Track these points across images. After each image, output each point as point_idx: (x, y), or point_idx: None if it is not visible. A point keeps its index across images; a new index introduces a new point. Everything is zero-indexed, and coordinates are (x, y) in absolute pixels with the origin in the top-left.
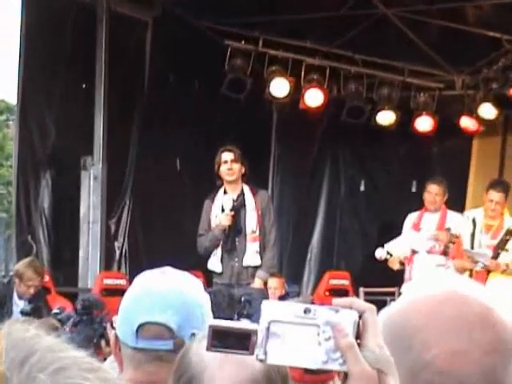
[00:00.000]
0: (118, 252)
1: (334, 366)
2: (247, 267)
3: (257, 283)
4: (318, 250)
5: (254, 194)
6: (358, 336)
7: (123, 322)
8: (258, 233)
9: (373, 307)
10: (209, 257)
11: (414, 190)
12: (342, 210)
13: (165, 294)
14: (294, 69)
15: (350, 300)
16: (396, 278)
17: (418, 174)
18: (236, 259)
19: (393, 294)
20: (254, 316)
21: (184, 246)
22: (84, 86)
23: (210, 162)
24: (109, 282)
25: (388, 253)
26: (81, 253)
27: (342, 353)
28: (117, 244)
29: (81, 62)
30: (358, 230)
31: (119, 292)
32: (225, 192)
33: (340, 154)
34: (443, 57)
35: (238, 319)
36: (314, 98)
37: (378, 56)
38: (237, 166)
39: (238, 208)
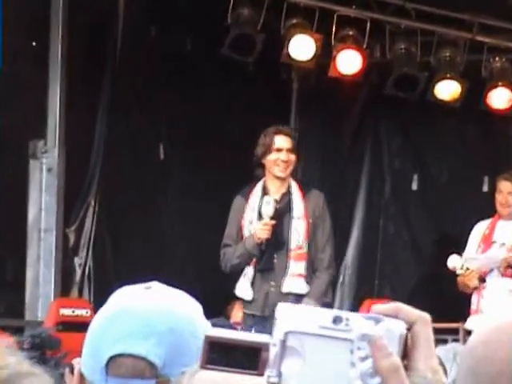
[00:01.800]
0: (79, 271)
1: None
2: (287, 294)
3: None
4: (353, 270)
5: (304, 194)
6: (406, 355)
7: (90, 354)
8: (305, 249)
9: (426, 316)
10: (237, 278)
11: (485, 189)
12: (386, 215)
13: (147, 316)
14: (322, 22)
15: (396, 306)
16: (460, 310)
17: (492, 168)
18: (272, 283)
19: (455, 331)
20: None
21: (170, 263)
22: (34, 43)
23: (206, 148)
24: (67, 312)
25: (463, 267)
26: (28, 272)
27: (383, 378)
28: (77, 260)
29: (29, 11)
30: (408, 242)
31: (81, 326)
32: (265, 189)
33: (384, 140)
34: None
35: None
36: (348, 62)
37: (438, 5)
38: (293, 158)
39: (281, 213)
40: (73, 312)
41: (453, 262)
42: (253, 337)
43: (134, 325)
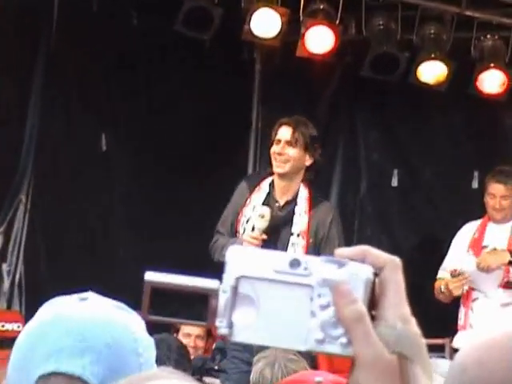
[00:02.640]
0: (7, 279)
1: (334, 349)
2: None
3: None
4: None
5: (311, 207)
6: (373, 304)
7: (16, 372)
8: None
9: (396, 260)
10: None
11: (475, 185)
12: (362, 215)
13: (82, 330)
14: None
15: (362, 249)
16: (446, 325)
17: (482, 161)
18: None
19: (441, 348)
20: None
21: (113, 270)
22: None
23: (155, 138)
24: None
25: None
26: None
27: (347, 328)
28: (6, 267)
29: None
30: (387, 247)
31: (11, 342)
32: (271, 189)
33: (360, 129)
34: None
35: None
36: (319, 39)
37: None
38: (294, 153)
39: (281, 224)
40: (2, 326)
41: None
42: (200, 282)
43: (67, 340)
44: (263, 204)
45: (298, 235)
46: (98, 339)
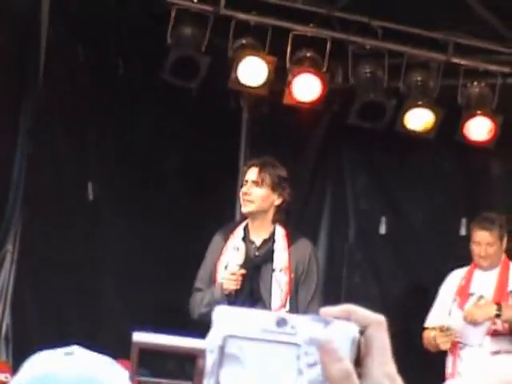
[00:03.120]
0: None
1: None
2: None
3: None
4: None
5: (289, 244)
6: (359, 362)
7: None
8: (287, 307)
9: (381, 319)
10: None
11: (463, 232)
12: (350, 263)
13: None
14: (276, 42)
15: (347, 308)
16: (434, 373)
17: (470, 208)
18: None
19: None
20: None
21: (106, 321)
22: None
23: (143, 189)
24: None
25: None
26: None
27: None
28: None
29: None
30: (375, 294)
31: None
32: (246, 232)
33: (348, 176)
34: (508, 24)
35: None
36: (306, 87)
37: (407, 23)
38: (260, 192)
39: (260, 263)
40: None
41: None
42: (187, 342)
43: None
44: (243, 256)
45: (281, 270)
46: None
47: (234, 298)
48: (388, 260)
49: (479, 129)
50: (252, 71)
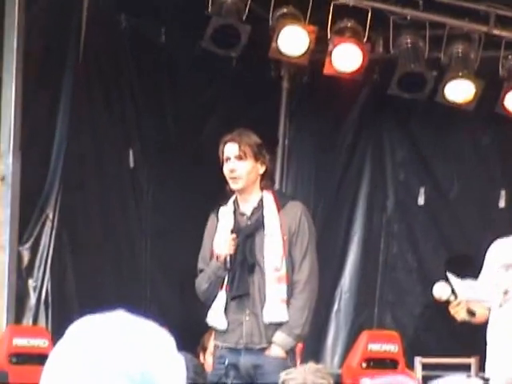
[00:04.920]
0: (34, 295)
1: None
2: (268, 325)
3: (274, 351)
4: (350, 296)
5: (280, 207)
6: None
7: None
8: (284, 270)
9: None
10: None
11: (502, 204)
12: (388, 234)
13: (116, 355)
14: (317, 12)
15: None
16: (473, 344)
17: (510, 181)
18: (247, 311)
19: (468, 366)
20: None
21: (141, 287)
22: None
23: (182, 156)
24: (20, 342)
25: (453, 292)
26: None
27: None
28: (32, 282)
29: None
30: (413, 265)
31: (37, 358)
32: (235, 205)
33: (387, 148)
34: None
35: None
36: (346, 58)
37: None
38: (245, 166)
39: (253, 231)
40: (28, 342)
41: (439, 290)
42: None
43: (100, 365)
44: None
45: (272, 235)
46: (131, 365)
47: (230, 267)
48: (426, 231)
49: None
50: (292, 41)
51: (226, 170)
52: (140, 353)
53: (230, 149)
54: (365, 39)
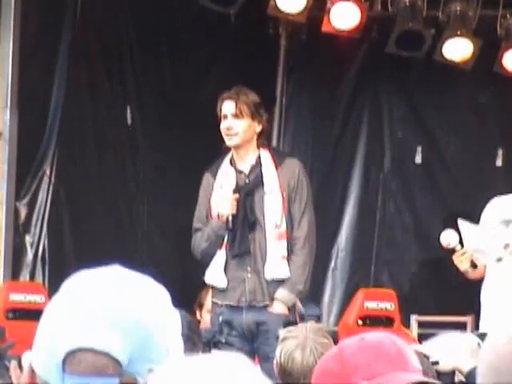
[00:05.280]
0: (31, 251)
1: None
2: (270, 282)
3: (277, 308)
4: (346, 254)
5: (277, 165)
6: None
7: (43, 348)
8: (284, 227)
9: None
10: (208, 264)
11: (499, 163)
12: (385, 192)
13: (110, 305)
14: None
15: None
16: (469, 302)
17: (507, 139)
18: (249, 268)
19: (463, 324)
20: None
21: (138, 243)
22: None
23: (180, 113)
24: (17, 297)
25: (460, 241)
26: None
27: None
28: (29, 238)
29: None
30: (409, 224)
31: (33, 314)
32: (232, 163)
33: (384, 106)
34: None
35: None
36: (344, 16)
37: None
38: (241, 124)
39: (252, 188)
40: (25, 298)
41: (447, 237)
42: None
43: (95, 315)
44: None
45: (271, 192)
46: (126, 315)
47: (231, 225)
48: (423, 189)
49: None
50: None
51: (222, 127)
52: (134, 303)
53: (227, 106)
54: None
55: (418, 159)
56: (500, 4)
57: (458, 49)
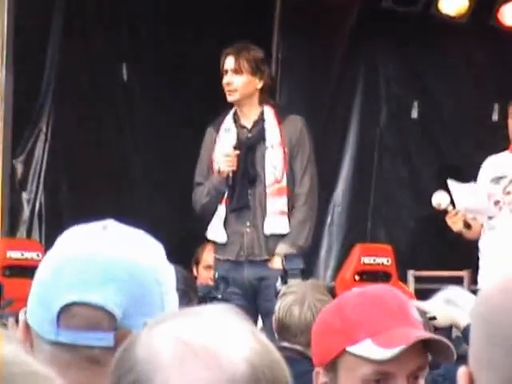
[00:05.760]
0: (27, 208)
1: None
2: (269, 236)
3: (276, 262)
4: (342, 210)
5: (280, 121)
6: None
7: (38, 302)
8: (284, 182)
9: None
10: (210, 220)
11: (495, 117)
12: (381, 146)
13: (105, 260)
14: None
15: None
16: (466, 257)
17: (503, 94)
18: (248, 223)
19: (460, 279)
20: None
21: (136, 200)
22: None
23: (174, 71)
24: (14, 254)
25: (452, 202)
26: None
27: None
28: (26, 196)
29: None
30: (406, 179)
31: (31, 271)
32: (235, 118)
33: (380, 61)
34: None
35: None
36: None
37: None
38: (241, 80)
39: (254, 143)
40: (22, 255)
41: (437, 198)
42: None
43: (89, 270)
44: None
45: (273, 147)
46: (120, 270)
47: (231, 181)
48: (419, 144)
49: None
50: None
51: (223, 82)
52: (128, 258)
53: (228, 62)
54: None
55: (415, 114)
56: None
57: (453, 3)
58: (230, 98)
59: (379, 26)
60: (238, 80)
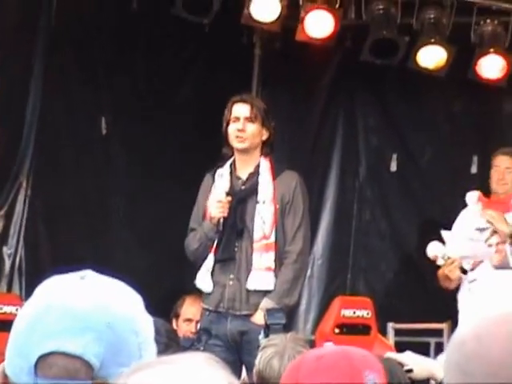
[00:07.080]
0: (8, 262)
1: None
2: (252, 291)
3: (259, 318)
4: (322, 262)
5: (274, 176)
6: None
7: (16, 352)
8: (273, 238)
9: None
10: (200, 267)
11: (474, 170)
12: (361, 199)
13: (82, 309)
14: None
15: None
16: (445, 309)
17: (482, 146)
18: (231, 275)
19: (440, 332)
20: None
21: (116, 254)
22: None
23: (155, 123)
24: None
25: (445, 256)
26: None
27: None
28: (6, 250)
29: None
30: (386, 232)
31: (9, 325)
32: (232, 167)
33: (359, 114)
34: None
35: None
36: (319, 24)
37: None
38: (253, 128)
39: (246, 196)
40: (0, 309)
41: (433, 250)
42: None
43: (67, 319)
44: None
45: (264, 202)
46: (98, 319)
47: (221, 227)
48: (398, 197)
49: (492, 67)
50: (265, 7)
51: (232, 129)
52: (106, 307)
53: (241, 109)
54: (337, 5)
55: (394, 167)
56: (474, 11)
57: (431, 56)
58: (239, 145)
59: (359, 78)
60: (251, 128)
